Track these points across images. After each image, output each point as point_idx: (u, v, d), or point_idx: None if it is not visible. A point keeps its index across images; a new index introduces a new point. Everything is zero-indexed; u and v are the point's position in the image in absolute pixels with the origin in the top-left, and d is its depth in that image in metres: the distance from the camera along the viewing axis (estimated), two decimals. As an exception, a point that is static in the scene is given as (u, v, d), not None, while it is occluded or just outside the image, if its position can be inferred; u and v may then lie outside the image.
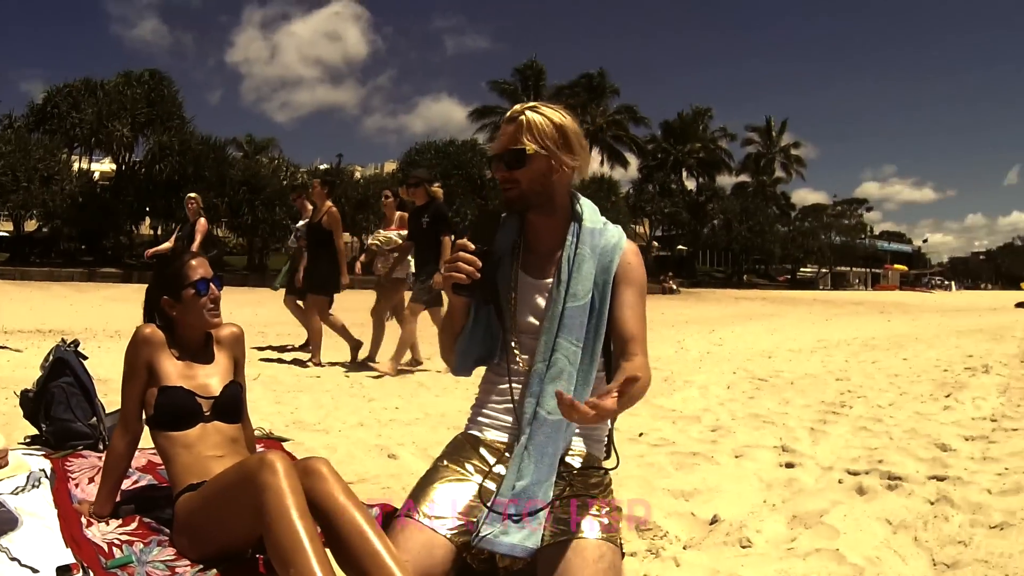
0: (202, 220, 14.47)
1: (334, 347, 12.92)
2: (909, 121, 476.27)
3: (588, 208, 3.55)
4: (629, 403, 3.08)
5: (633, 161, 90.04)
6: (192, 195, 14.83)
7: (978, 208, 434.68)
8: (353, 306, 14.03)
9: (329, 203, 12.27)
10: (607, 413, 2.82)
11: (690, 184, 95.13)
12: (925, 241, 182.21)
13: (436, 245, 11.07)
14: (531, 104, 3.43)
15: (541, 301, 3.49)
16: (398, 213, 12.27)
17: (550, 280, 3.48)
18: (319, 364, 11.91)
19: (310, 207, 13.46)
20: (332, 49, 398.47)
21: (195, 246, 13.72)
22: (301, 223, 14.20)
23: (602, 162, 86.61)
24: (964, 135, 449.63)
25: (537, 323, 3.47)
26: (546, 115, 3.39)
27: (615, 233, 3.52)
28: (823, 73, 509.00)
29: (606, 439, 3.67)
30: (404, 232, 11.86)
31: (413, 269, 11.95)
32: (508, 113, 3.46)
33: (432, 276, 10.97)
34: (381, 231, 12.43)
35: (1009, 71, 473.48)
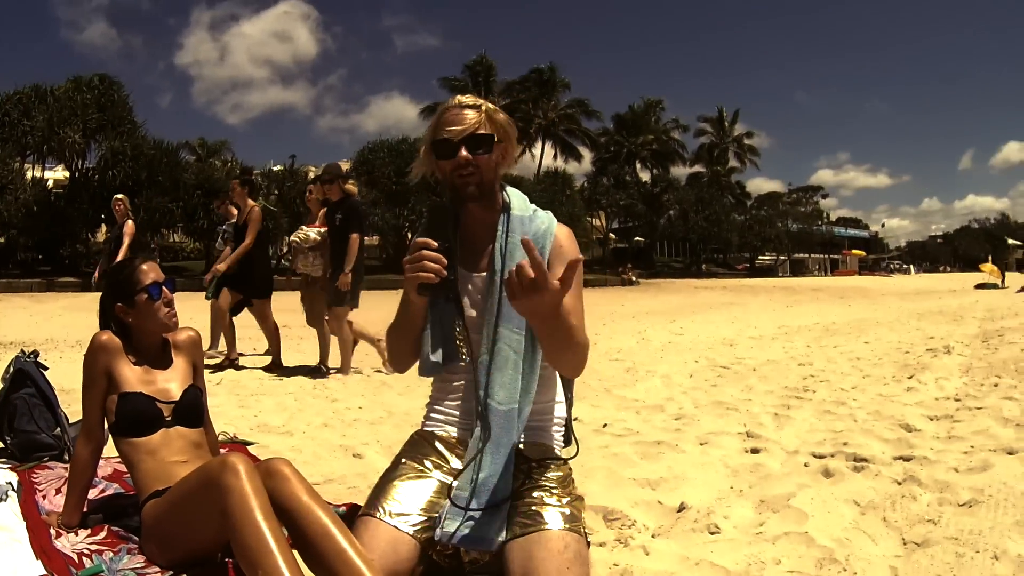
0: (129, 223, 14.18)
1: (293, 351, 12.88)
2: (861, 107, 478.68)
3: (516, 197, 3.56)
4: (562, 325, 3.08)
5: (586, 154, 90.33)
6: (118, 196, 14.58)
7: (933, 192, 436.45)
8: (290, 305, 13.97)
9: (252, 202, 12.07)
10: (552, 291, 2.83)
11: (644, 176, 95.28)
12: (883, 226, 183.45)
13: (347, 244, 10.89)
14: (479, 99, 3.45)
15: (478, 294, 3.49)
16: (323, 209, 12.05)
17: (484, 272, 3.49)
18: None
19: (235, 211, 13.30)
20: (282, 49, 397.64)
21: (123, 250, 13.62)
22: (226, 225, 14.09)
23: (555, 156, 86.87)
24: (917, 120, 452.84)
25: (477, 315, 3.48)
26: (496, 109, 3.43)
27: (544, 219, 3.53)
28: (774, 62, 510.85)
29: (563, 429, 3.69)
30: (325, 229, 11.55)
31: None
32: (458, 99, 3.44)
33: (339, 278, 10.81)
34: (303, 228, 12.10)
35: (960, 55, 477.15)
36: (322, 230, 11.54)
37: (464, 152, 3.34)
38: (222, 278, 11.89)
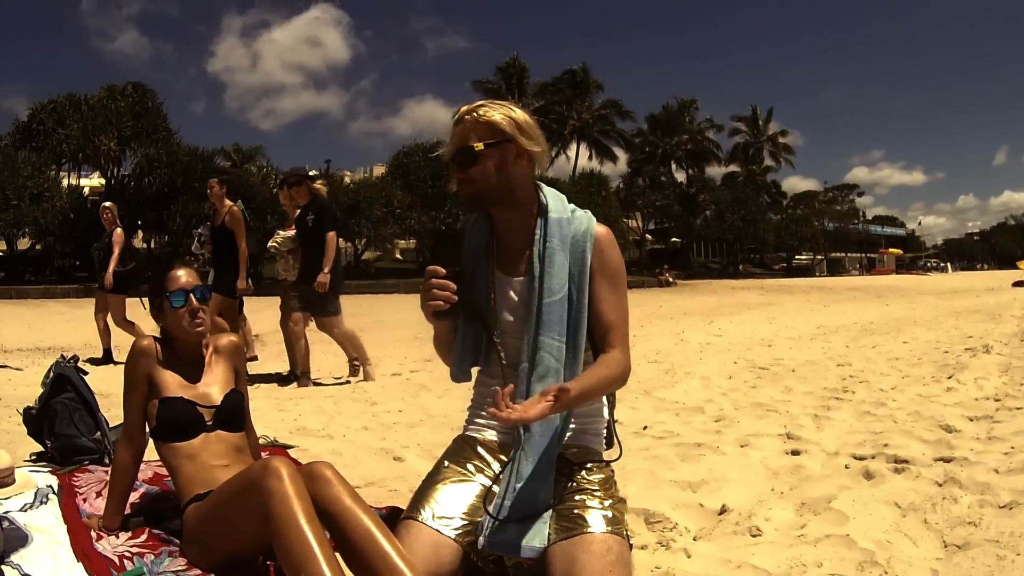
0: (118, 230, 13.90)
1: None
2: (893, 103, 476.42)
3: (553, 198, 3.52)
4: (585, 399, 3.19)
5: (621, 155, 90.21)
6: (106, 205, 14.29)
7: (969, 189, 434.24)
8: (357, 310, 13.95)
9: (229, 203, 11.84)
10: (531, 419, 2.91)
11: (680, 176, 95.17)
12: (919, 224, 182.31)
13: (323, 244, 10.55)
14: (476, 104, 3.42)
15: (516, 298, 3.48)
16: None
17: (522, 277, 3.47)
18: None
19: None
20: (313, 55, 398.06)
21: (114, 258, 13.51)
22: (202, 228, 13.96)
23: (590, 157, 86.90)
24: (951, 115, 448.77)
25: (516, 320, 3.47)
26: (490, 110, 3.38)
27: (583, 220, 3.49)
28: (807, 60, 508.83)
29: (605, 431, 3.68)
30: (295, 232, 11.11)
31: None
32: (454, 116, 3.44)
33: (317, 279, 10.49)
34: (280, 232, 11.88)
35: (994, 48, 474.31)
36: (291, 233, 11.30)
37: (453, 169, 3.38)
38: (213, 284, 11.52)
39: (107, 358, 13.68)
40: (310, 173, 11.26)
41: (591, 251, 3.41)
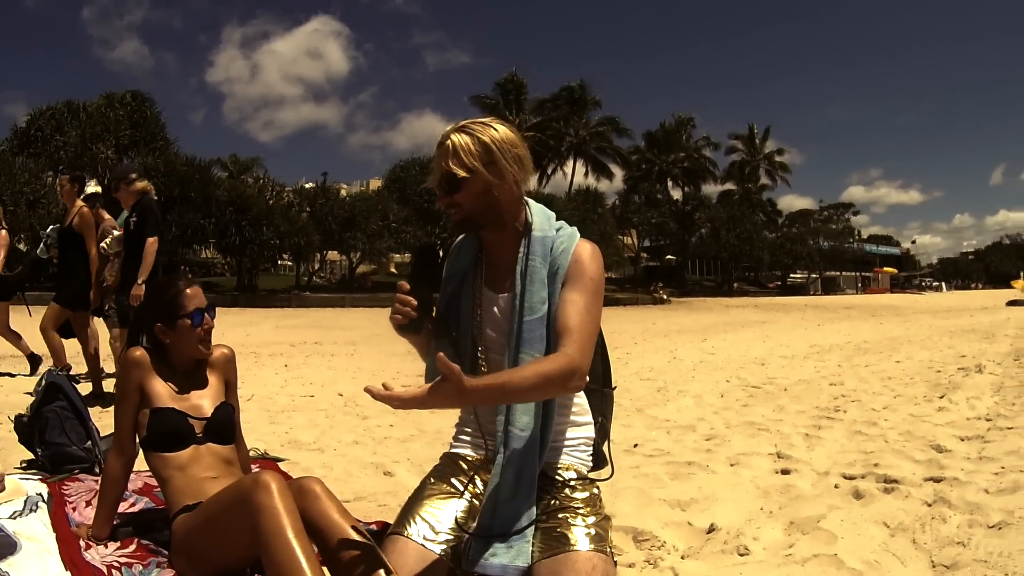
0: (3, 232, 12.70)
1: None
2: (892, 122, 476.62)
3: (539, 216, 3.50)
4: (499, 392, 3.01)
5: (618, 172, 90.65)
6: None
7: (965, 208, 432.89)
8: (352, 323, 13.94)
9: (80, 203, 11.00)
10: (402, 404, 2.85)
11: (676, 194, 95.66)
12: (914, 243, 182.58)
13: (142, 251, 9.37)
14: (460, 125, 3.38)
15: (499, 315, 3.49)
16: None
17: (506, 293, 3.47)
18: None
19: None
20: (313, 67, 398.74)
21: None
22: (50, 229, 12.70)
23: (586, 173, 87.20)
24: (948, 134, 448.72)
25: (499, 336, 3.48)
26: (473, 134, 3.32)
27: (565, 237, 3.45)
28: (803, 75, 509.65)
29: (591, 449, 3.65)
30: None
31: None
32: (440, 138, 3.40)
33: (131, 291, 9.20)
34: (113, 231, 11.02)
35: (991, 68, 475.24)
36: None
37: (440, 195, 3.37)
38: (56, 294, 10.82)
39: (34, 364, 12.72)
40: (131, 176, 9.97)
41: (566, 265, 3.38)
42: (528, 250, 3.40)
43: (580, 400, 3.58)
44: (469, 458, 3.57)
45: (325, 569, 3.04)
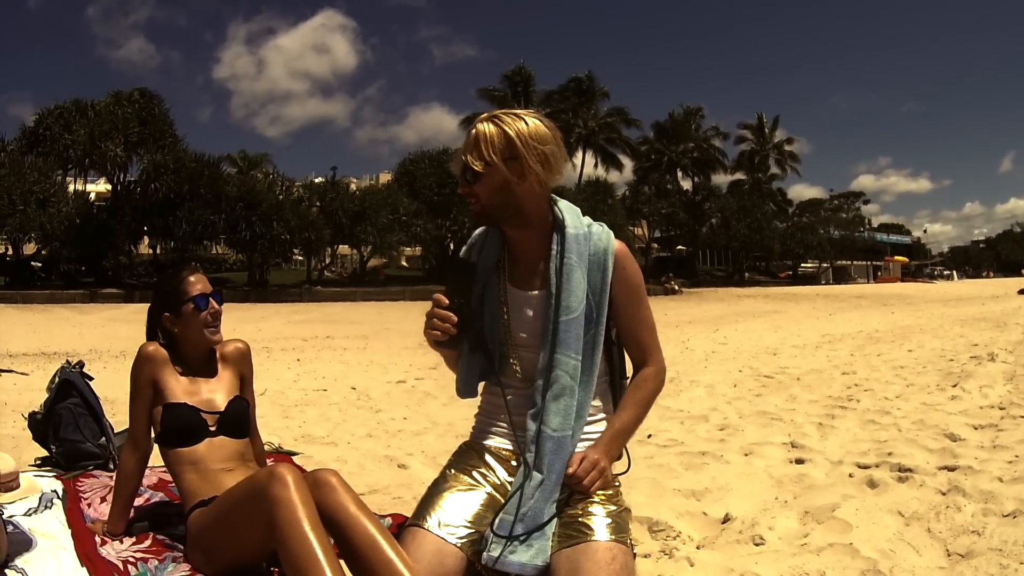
0: None
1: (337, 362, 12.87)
2: (899, 110, 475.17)
3: (569, 213, 3.43)
4: (630, 432, 3.31)
5: (627, 163, 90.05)
6: None
7: (975, 196, 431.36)
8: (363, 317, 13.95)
9: None
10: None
11: (685, 184, 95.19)
12: (925, 231, 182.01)
13: None
14: (493, 113, 3.31)
15: (531, 313, 3.42)
16: None
17: (537, 292, 3.41)
18: None
19: None
20: (320, 62, 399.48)
21: None
22: None
23: (596, 165, 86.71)
24: (957, 122, 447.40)
25: (530, 336, 3.42)
26: (501, 126, 3.25)
27: (602, 236, 3.41)
28: (813, 68, 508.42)
29: None
30: None
31: None
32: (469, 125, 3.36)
33: None
34: None
35: (998, 55, 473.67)
36: None
37: (461, 183, 3.32)
38: None
39: None
40: None
41: (612, 269, 3.36)
42: (563, 247, 3.33)
43: (607, 394, 3.57)
44: (493, 449, 3.52)
45: (342, 562, 3.02)
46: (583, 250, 3.34)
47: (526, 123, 3.27)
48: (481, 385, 3.68)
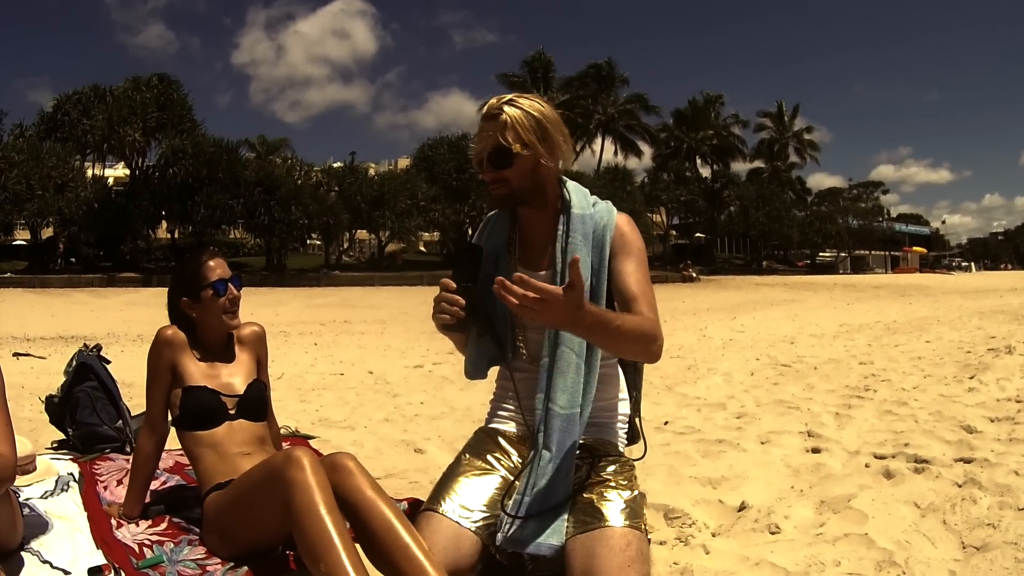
0: None
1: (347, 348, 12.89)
2: (920, 100, 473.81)
3: (576, 194, 3.47)
4: (604, 329, 2.94)
5: (646, 150, 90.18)
6: None
7: (995, 188, 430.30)
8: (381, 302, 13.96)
9: None
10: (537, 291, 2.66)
11: (705, 171, 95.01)
12: (943, 223, 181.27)
13: None
14: (507, 97, 3.32)
15: None
16: None
17: (544, 272, 3.42)
18: None
19: None
20: (340, 47, 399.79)
21: None
22: None
23: (615, 152, 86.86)
24: (978, 113, 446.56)
25: None
26: (525, 108, 3.27)
27: (604, 212, 3.44)
28: (835, 56, 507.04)
29: (627, 426, 3.66)
30: None
31: None
32: (485, 109, 3.35)
33: None
34: None
35: (1021, 49, 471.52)
36: None
37: (488, 168, 3.30)
38: None
39: None
40: None
41: (610, 239, 3.36)
42: (568, 228, 3.36)
43: (617, 375, 3.58)
44: (507, 433, 3.55)
45: (358, 546, 3.02)
46: (588, 229, 3.37)
47: (542, 106, 3.31)
48: (495, 371, 3.69)
